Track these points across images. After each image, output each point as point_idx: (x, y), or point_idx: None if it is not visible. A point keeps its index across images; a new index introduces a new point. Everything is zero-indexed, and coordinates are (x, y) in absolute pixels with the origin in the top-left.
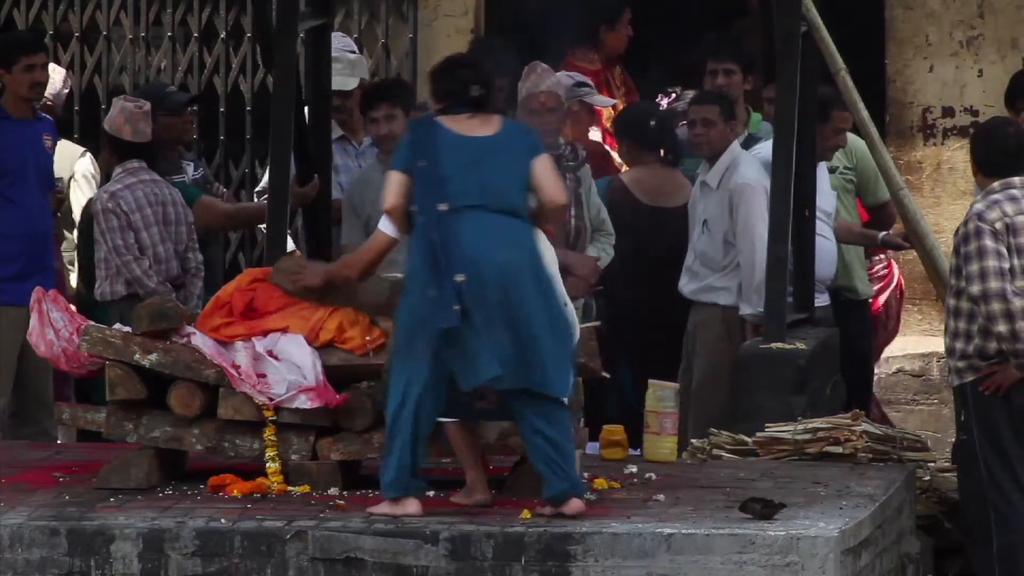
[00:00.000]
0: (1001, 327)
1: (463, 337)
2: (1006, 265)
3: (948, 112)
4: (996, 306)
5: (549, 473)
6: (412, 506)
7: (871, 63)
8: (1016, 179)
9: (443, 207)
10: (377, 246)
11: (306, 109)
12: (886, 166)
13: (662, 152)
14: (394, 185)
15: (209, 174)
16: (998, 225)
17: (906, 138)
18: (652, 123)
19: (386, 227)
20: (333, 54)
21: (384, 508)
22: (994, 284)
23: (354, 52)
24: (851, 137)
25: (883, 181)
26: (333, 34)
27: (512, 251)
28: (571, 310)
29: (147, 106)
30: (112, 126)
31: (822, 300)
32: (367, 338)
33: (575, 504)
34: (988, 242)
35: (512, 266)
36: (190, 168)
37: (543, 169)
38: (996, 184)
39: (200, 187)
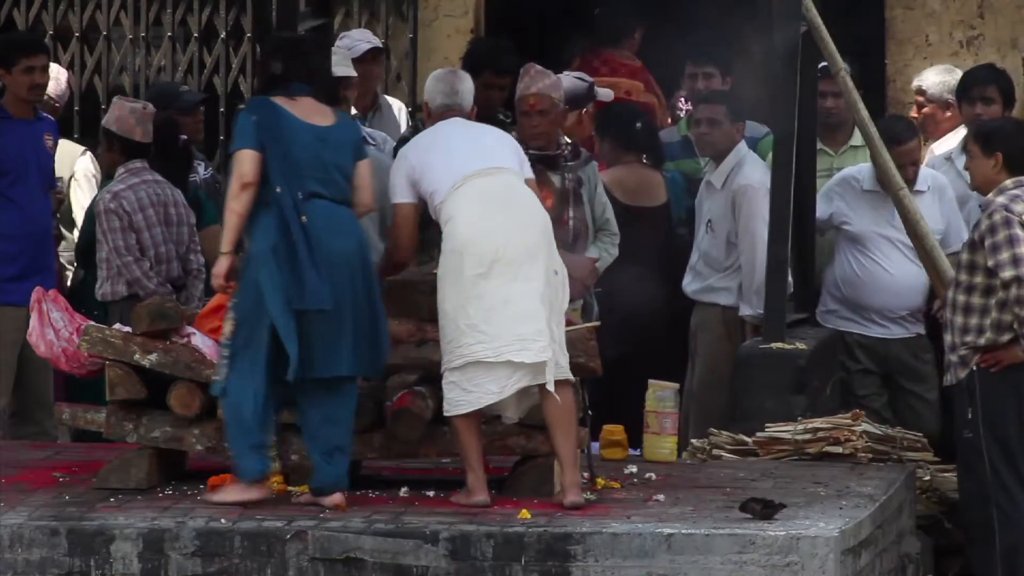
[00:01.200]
0: None
1: (321, 324)
2: None
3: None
4: None
5: (324, 463)
6: (261, 489)
7: (871, 63)
8: None
9: (300, 194)
10: (241, 223)
11: None
12: (886, 166)
13: (644, 157)
14: (250, 162)
15: (219, 175)
16: None
17: None
18: (638, 125)
19: (242, 204)
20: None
21: (235, 494)
22: None
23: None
24: None
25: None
26: (360, 30)
27: (350, 240)
28: (562, 278)
29: (150, 107)
30: (123, 128)
31: (901, 331)
32: None
33: (337, 497)
34: (1019, 231)
35: (352, 254)
36: (201, 167)
37: (364, 172)
38: (1009, 182)
39: (210, 187)
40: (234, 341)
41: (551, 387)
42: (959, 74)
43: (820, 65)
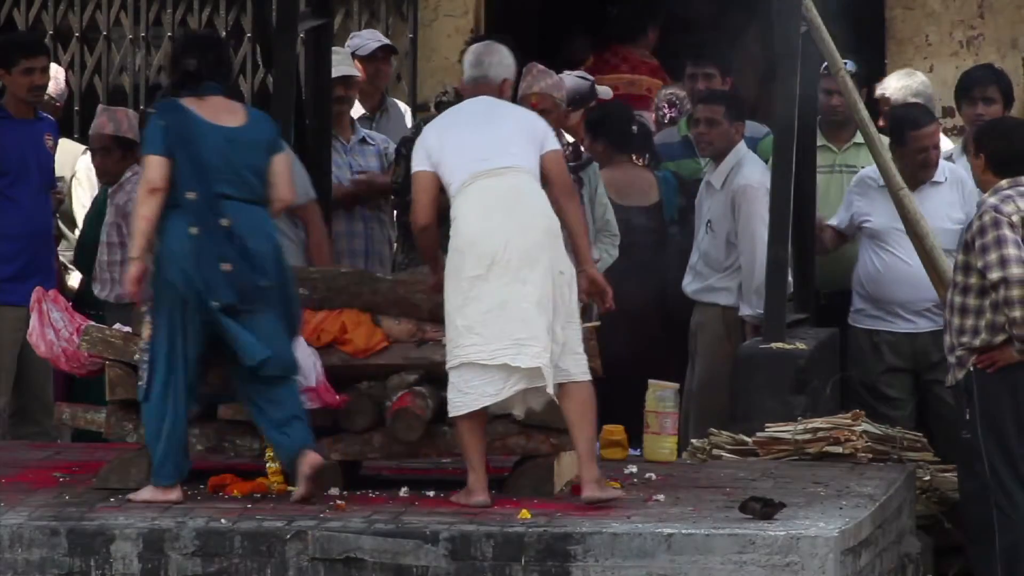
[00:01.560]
0: (1016, 312)
1: (235, 320)
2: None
3: (948, 112)
4: (1016, 292)
5: (281, 435)
6: (175, 492)
7: (871, 63)
8: (1022, 178)
9: (213, 193)
10: (150, 228)
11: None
12: (886, 166)
13: (635, 158)
14: (157, 167)
15: None
16: (1015, 218)
17: None
18: (635, 129)
19: (150, 209)
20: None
21: (146, 495)
22: (1016, 270)
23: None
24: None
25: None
26: (370, 31)
27: (267, 241)
28: (568, 278)
29: None
30: (136, 133)
31: (929, 324)
32: (368, 343)
33: (313, 457)
34: (1007, 232)
35: (269, 255)
36: None
37: (281, 166)
38: (1004, 182)
39: None
40: (153, 345)
41: (551, 390)
42: (920, 77)
43: (823, 65)
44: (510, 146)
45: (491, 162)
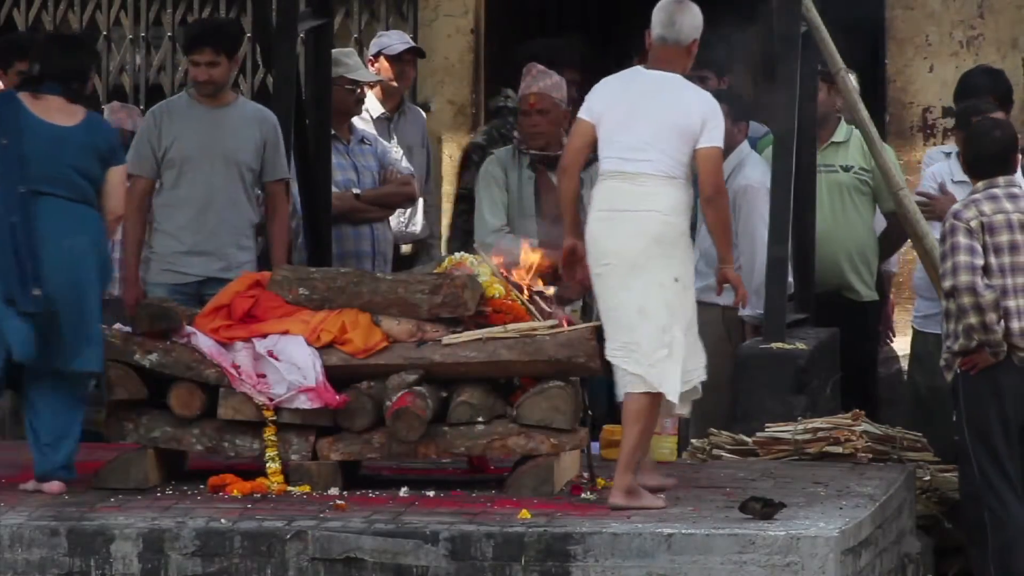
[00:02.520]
0: (972, 319)
1: (40, 319)
2: (979, 261)
3: (948, 112)
4: (967, 299)
5: (48, 450)
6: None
7: (871, 63)
8: (1000, 179)
9: (23, 189)
10: None
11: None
12: (885, 166)
13: None
14: None
15: None
16: (973, 223)
17: (906, 138)
18: None
19: None
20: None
21: (55, 487)
22: (964, 278)
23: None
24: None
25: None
26: (397, 32)
27: (81, 237)
28: (683, 285)
29: None
30: None
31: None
32: (368, 343)
33: (55, 486)
34: (961, 238)
35: (83, 252)
36: None
37: (114, 178)
38: (980, 184)
39: None
40: None
41: (674, 398)
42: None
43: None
44: (653, 148)
45: (627, 164)
